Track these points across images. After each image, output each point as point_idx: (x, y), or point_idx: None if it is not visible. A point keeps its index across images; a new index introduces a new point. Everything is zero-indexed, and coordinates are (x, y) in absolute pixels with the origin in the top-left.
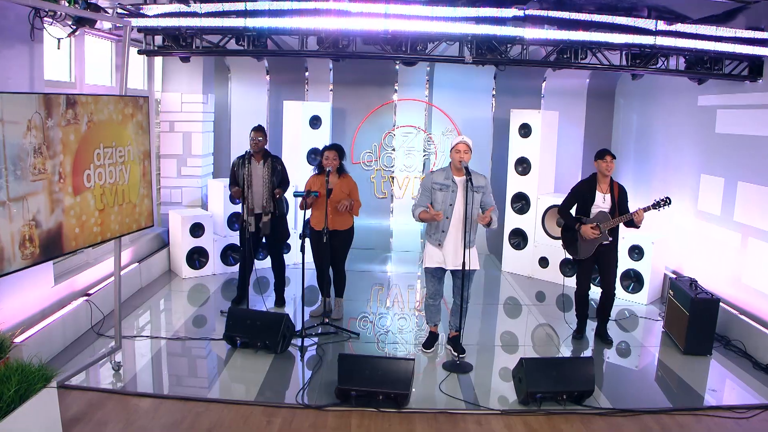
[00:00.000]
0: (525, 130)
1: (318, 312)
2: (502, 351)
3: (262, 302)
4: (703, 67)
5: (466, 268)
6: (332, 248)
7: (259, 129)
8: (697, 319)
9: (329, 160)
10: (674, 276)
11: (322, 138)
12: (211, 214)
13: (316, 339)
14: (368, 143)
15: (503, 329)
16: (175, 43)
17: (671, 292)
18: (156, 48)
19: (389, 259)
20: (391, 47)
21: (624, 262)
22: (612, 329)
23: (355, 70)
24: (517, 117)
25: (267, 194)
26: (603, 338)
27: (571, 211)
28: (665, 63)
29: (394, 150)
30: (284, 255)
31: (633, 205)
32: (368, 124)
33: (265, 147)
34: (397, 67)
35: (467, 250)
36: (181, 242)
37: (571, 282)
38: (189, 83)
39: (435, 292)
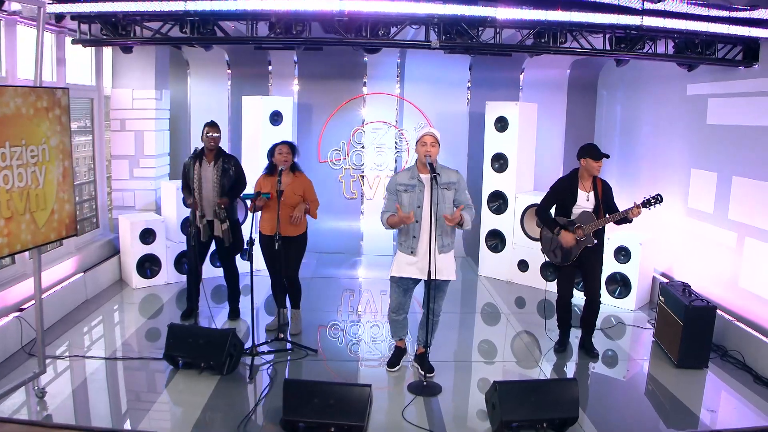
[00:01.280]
0: (501, 124)
1: (273, 326)
2: (477, 368)
3: (211, 315)
4: (693, 51)
5: (435, 277)
6: (285, 255)
7: (212, 124)
8: (691, 329)
9: (283, 155)
10: (665, 280)
11: (283, 136)
12: (163, 219)
13: (270, 356)
14: (336, 141)
15: (479, 341)
16: (114, 32)
17: (662, 299)
18: (93, 37)
19: (359, 263)
20: (352, 33)
21: (610, 265)
22: (598, 339)
23: (322, 63)
24: (493, 110)
25: (216, 199)
26: (588, 351)
27: (550, 211)
28: (653, 47)
29: (363, 147)
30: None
31: (619, 204)
32: (336, 120)
33: (219, 145)
34: (365, 59)
35: (435, 256)
36: (131, 249)
37: (553, 287)
38: (141, 78)
39: (399, 305)
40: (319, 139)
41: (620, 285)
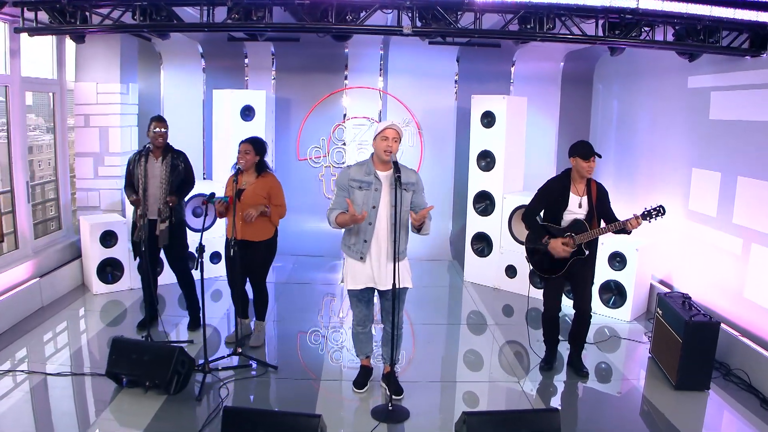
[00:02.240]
0: (488, 119)
1: (233, 338)
2: (452, 388)
3: (164, 328)
4: (695, 38)
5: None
6: (247, 262)
7: (159, 119)
8: (692, 346)
9: (240, 155)
10: (663, 288)
11: (255, 131)
12: (125, 221)
13: (227, 373)
14: (316, 137)
15: (460, 356)
16: (61, 19)
17: (660, 312)
18: (40, 25)
19: (340, 267)
20: (323, 20)
21: (604, 272)
22: (590, 352)
23: (300, 56)
24: (479, 104)
25: (164, 197)
26: (577, 370)
27: (539, 215)
28: (650, 34)
29: (344, 144)
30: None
31: (615, 209)
32: (315, 115)
33: (167, 141)
34: (346, 50)
35: (397, 264)
36: (92, 253)
37: (540, 294)
38: (105, 71)
39: (363, 318)
40: (297, 135)
41: (615, 294)
